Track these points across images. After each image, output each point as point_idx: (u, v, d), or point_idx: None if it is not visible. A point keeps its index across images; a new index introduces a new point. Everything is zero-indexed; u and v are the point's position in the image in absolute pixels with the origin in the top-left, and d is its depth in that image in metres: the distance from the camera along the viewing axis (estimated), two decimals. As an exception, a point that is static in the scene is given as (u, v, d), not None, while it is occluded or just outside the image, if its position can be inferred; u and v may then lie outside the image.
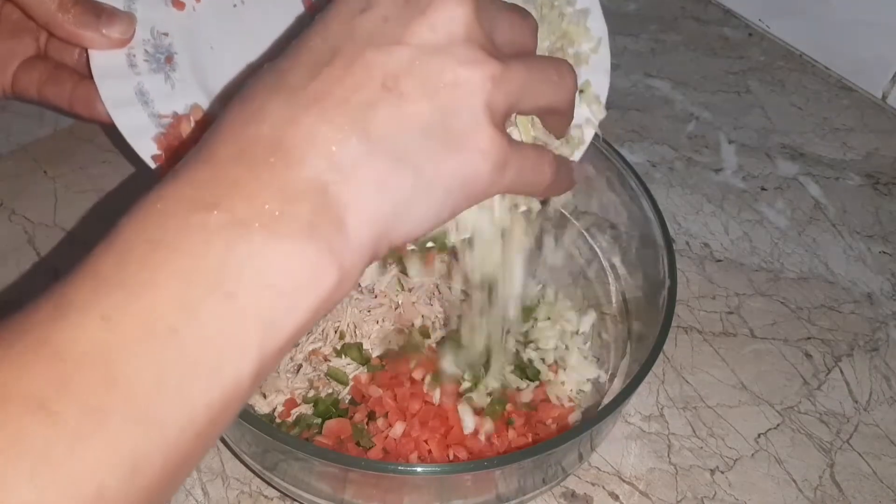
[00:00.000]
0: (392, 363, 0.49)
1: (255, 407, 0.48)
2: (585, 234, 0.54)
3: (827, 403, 0.54)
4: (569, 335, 0.52)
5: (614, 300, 0.52)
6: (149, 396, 0.22)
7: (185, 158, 0.26)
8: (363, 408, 0.47)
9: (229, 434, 0.42)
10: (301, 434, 0.46)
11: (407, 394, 0.47)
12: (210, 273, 0.23)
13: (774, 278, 0.61)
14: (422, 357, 0.49)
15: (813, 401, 0.54)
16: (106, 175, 0.63)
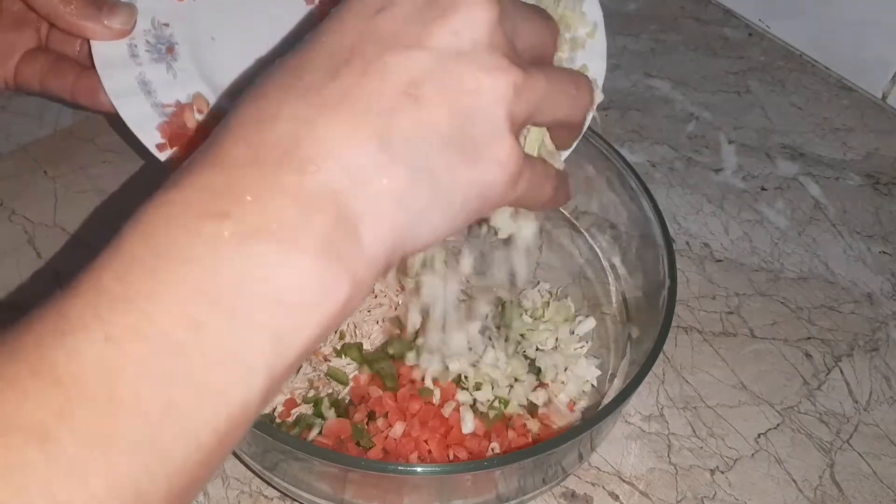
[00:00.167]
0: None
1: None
2: (585, 234, 0.54)
3: (827, 403, 0.54)
4: (569, 335, 0.52)
5: (614, 300, 0.52)
6: (154, 423, 0.21)
7: (193, 157, 0.25)
8: (363, 408, 0.47)
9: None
10: (301, 434, 0.46)
11: (407, 394, 0.47)
12: (219, 288, 0.22)
13: (774, 278, 0.61)
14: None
15: (813, 401, 0.54)
16: (106, 175, 0.63)
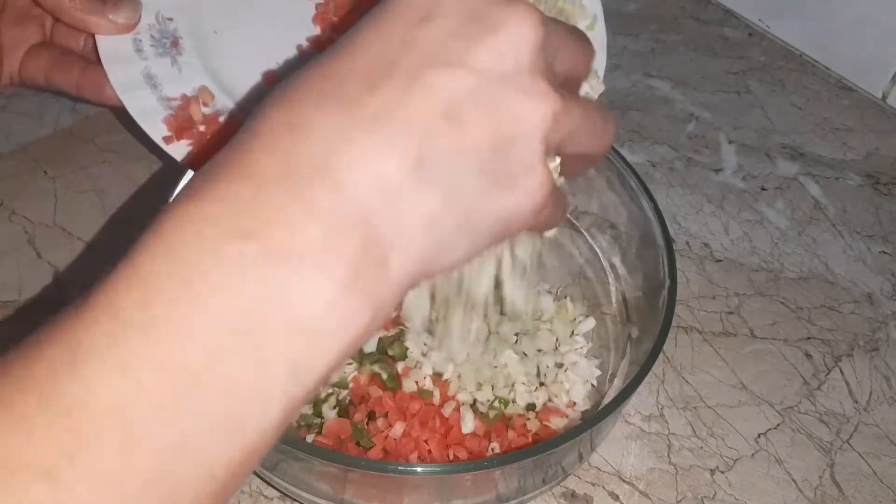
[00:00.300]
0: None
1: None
2: (585, 234, 0.54)
3: (827, 403, 0.54)
4: (569, 336, 0.52)
5: (614, 300, 0.52)
6: (167, 460, 0.21)
7: (217, 163, 0.24)
8: (363, 408, 0.47)
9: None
10: (301, 434, 0.46)
11: (407, 394, 0.47)
12: (241, 316, 0.21)
13: (774, 278, 0.61)
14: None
15: (813, 401, 0.54)
16: (106, 175, 0.63)
